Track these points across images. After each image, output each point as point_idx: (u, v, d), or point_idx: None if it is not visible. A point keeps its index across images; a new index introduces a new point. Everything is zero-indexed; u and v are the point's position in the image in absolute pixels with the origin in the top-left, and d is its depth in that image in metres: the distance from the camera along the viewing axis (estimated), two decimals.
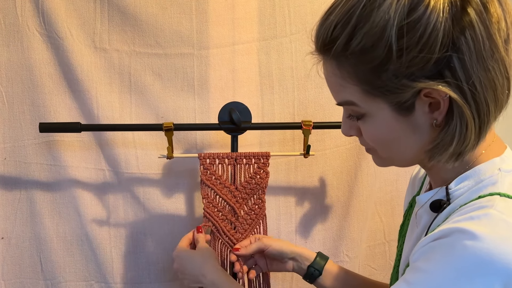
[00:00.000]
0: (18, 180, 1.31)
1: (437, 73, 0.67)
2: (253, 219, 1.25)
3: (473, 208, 0.69)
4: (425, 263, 0.68)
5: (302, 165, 1.36)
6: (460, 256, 0.65)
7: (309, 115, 1.34)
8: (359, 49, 0.68)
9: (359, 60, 0.69)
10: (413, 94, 0.69)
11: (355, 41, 0.68)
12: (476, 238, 0.64)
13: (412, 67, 0.67)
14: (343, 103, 0.76)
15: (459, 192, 0.75)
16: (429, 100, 0.69)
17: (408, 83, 0.68)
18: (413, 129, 0.72)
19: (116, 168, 1.31)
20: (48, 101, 1.28)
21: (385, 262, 1.43)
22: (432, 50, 0.65)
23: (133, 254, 1.33)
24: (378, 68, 0.68)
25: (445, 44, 0.65)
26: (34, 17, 1.26)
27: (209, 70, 1.31)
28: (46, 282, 1.32)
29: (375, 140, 0.77)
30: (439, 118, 0.70)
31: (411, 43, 0.65)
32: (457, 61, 0.66)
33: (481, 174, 0.74)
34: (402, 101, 0.70)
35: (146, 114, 1.31)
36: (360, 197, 1.38)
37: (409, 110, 0.71)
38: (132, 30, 1.28)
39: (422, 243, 0.71)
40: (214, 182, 1.22)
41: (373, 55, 0.67)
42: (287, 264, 1.14)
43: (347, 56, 0.69)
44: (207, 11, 1.29)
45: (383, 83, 0.69)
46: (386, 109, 0.72)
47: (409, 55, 0.66)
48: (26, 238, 1.32)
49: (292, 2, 1.32)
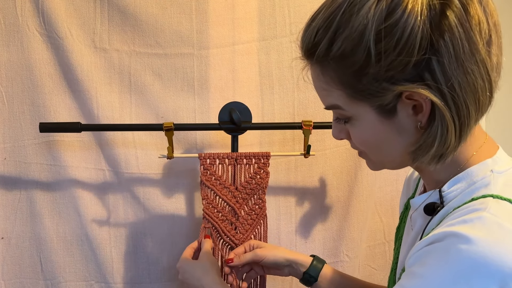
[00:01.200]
0: (18, 180, 1.31)
1: (417, 76, 0.67)
2: (253, 219, 1.25)
3: (467, 211, 0.69)
4: (420, 268, 0.68)
5: (302, 165, 1.36)
6: (455, 260, 0.65)
7: (309, 115, 1.34)
8: (340, 54, 0.69)
9: (340, 65, 0.70)
10: (394, 97, 0.69)
11: (336, 46, 0.69)
12: (470, 241, 0.64)
13: (391, 71, 0.67)
14: (330, 107, 0.76)
15: (452, 195, 0.75)
16: (412, 103, 0.70)
17: (389, 86, 0.68)
18: (398, 131, 0.73)
19: (116, 168, 1.31)
20: (48, 101, 1.28)
21: (385, 262, 1.43)
22: (410, 53, 0.66)
23: (133, 254, 1.33)
24: (359, 72, 0.69)
25: (424, 47, 0.66)
26: (34, 17, 1.26)
27: (209, 70, 1.31)
28: (46, 282, 1.32)
29: (363, 143, 0.77)
30: (423, 120, 0.70)
31: (389, 47, 0.66)
32: (437, 64, 0.66)
33: (473, 176, 0.74)
34: (384, 104, 0.70)
35: (146, 114, 1.31)
36: (360, 197, 1.38)
37: (392, 112, 0.71)
38: (132, 30, 1.28)
39: (417, 247, 0.71)
40: (214, 183, 1.22)
41: (353, 59, 0.68)
42: (284, 270, 1.14)
43: (329, 61, 0.70)
44: (207, 11, 1.29)
45: (365, 86, 0.70)
46: (370, 112, 0.72)
47: (388, 59, 0.66)
48: (26, 238, 1.32)
49: (292, 2, 1.32)
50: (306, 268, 1.11)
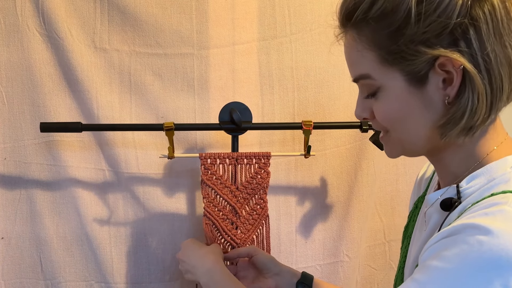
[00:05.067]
0: (18, 180, 1.31)
1: (453, 42, 0.69)
2: (255, 219, 1.25)
3: (487, 205, 0.68)
4: (436, 260, 0.66)
5: (302, 165, 1.36)
6: (474, 252, 0.63)
7: (309, 115, 1.34)
8: (380, 13, 0.71)
9: (378, 25, 0.71)
10: (428, 62, 0.70)
11: (377, 5, 0.71)
12: (491, 233, 0.62)
13: (428, 33, 0.69)
14: (359, 77, 0.77)
15: (470, 190, 0.74)
16: (443, 75, 0.70)
17: (423, 49, 0.69)
18: (425, 105, 0.73)
19: (116, 168, 1.31)
20: (48, 101, 1.28)
21: (385, 262, 1.43)
22: (449, 17, 0.67)
23: (133, 254, 1.33)
24: (396, 32, 0.70)
25: (463, 13, 0.67)
26: (34, 17, 1.26)
27: (209, 70, 1.31)
28: (46, 282, 1.32)
29: (387, 118, 0.77)
30: (451, 94, 0.70)
31: (429, 8, 0.68)
32: (474, 32, 0.68)
33: (493, 172, 0.73)
34: (416, 70, 0.71)
35: (146, 114, 1.31)
36: (360, 197, 1.38)
37: (422, 81, 0.72)
38: (132, 30, 1.28)
39: (432, 240, 0.69)
40: (215, 182, 1.22)
41: (392, 19, 0.70)
42: (271, 280, 1.13)
43: (367, 21, 0.72)
44: (207, 11, 1.29)
45: (399, 48, 0.71)
46: (400, 80, 0.72)
47: (427, 21, 0.68)
48: (26, 238, 1.32)
49: (292, 2, 1.32)
50: (298, 277, 1.11)
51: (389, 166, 1.41)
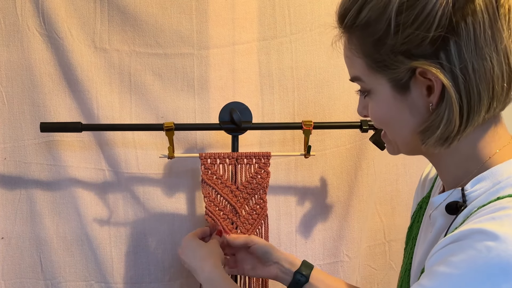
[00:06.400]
0: (18, 180, 1.31)
1: (433, 54, 0.68)
2: (254, 219, 1.25)
3: (494, 209, 0.67)
4: (442, 266, 0.65)
5: (302, 165, 1.36)
6: (482, 258, 0.62)
7: (309, 115, 1.34)
8: (365, 22, 0.71)
9: (364, 33, 0.72)
10: (408, 72, 0.71)
11: (363, 14, 0.71)
12: (499, 239, 0.61)
13: (407, 44, 0.69)
14: (353, 79, 0.79)
15: (475, 194, 0.73)
16: (426, 82, 0.70)
17: (403, 59, 0.70)
18: (410, 110, 0.73)
19: (116, 168, 1.31)
20: (48, 101, 1.28)
21: (385, 262, 1.43)
22: (427, 29, 0.67)
23: (133, 254, 1.33)
24: (378, 41, 0.71)
25: (442, 25, 0.67)
26: (34, 17, 1.26)
27: (209, 70, 1.31)
28: (46, 282, 1.32)
29: (377, 119, 0.79)
30: (434, 101, 0.71)
31: (407, 20, 0.68)
32: (454, 45, 0.67)
33: (498, 175, 0.72)
34: (398, 78, 0.72)
35: (146, 114, 1.31)
36: (360, 197, 1.38)
37: (405, 89, 0.72)
38: (132, 30, 1.28)
39: (439, 245, 0.68)
40: (215, 182, 1.23)
41: (375, 28, 0.70)
42: (271, 268, 1.14)
43: (355, 29, 0.73)
44: (207, 11, 1.29)
45: (381, 57, 0.71)
46: (386, 86, 0.74)
47: (405, 32, 0.68)
48: (26, 238, 1.32)
49: (292, 2, 1.32)
50: (297, 267, 1.11)
51: (389, 166, 1.41)
